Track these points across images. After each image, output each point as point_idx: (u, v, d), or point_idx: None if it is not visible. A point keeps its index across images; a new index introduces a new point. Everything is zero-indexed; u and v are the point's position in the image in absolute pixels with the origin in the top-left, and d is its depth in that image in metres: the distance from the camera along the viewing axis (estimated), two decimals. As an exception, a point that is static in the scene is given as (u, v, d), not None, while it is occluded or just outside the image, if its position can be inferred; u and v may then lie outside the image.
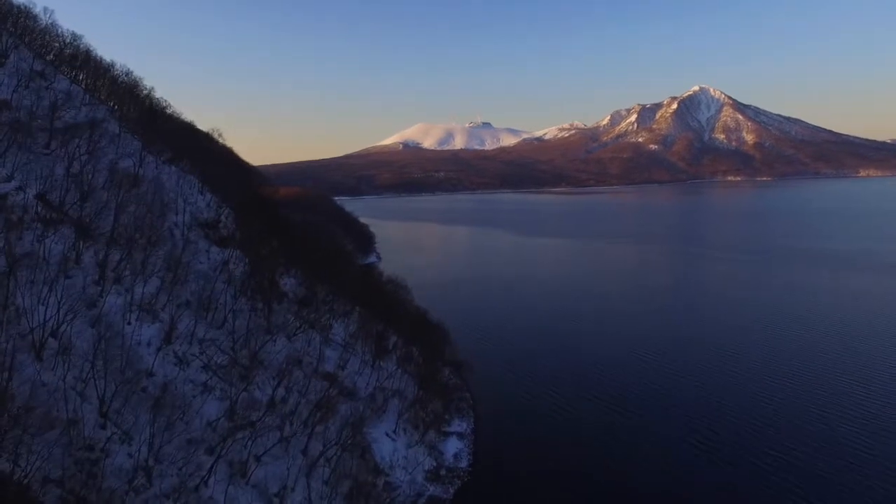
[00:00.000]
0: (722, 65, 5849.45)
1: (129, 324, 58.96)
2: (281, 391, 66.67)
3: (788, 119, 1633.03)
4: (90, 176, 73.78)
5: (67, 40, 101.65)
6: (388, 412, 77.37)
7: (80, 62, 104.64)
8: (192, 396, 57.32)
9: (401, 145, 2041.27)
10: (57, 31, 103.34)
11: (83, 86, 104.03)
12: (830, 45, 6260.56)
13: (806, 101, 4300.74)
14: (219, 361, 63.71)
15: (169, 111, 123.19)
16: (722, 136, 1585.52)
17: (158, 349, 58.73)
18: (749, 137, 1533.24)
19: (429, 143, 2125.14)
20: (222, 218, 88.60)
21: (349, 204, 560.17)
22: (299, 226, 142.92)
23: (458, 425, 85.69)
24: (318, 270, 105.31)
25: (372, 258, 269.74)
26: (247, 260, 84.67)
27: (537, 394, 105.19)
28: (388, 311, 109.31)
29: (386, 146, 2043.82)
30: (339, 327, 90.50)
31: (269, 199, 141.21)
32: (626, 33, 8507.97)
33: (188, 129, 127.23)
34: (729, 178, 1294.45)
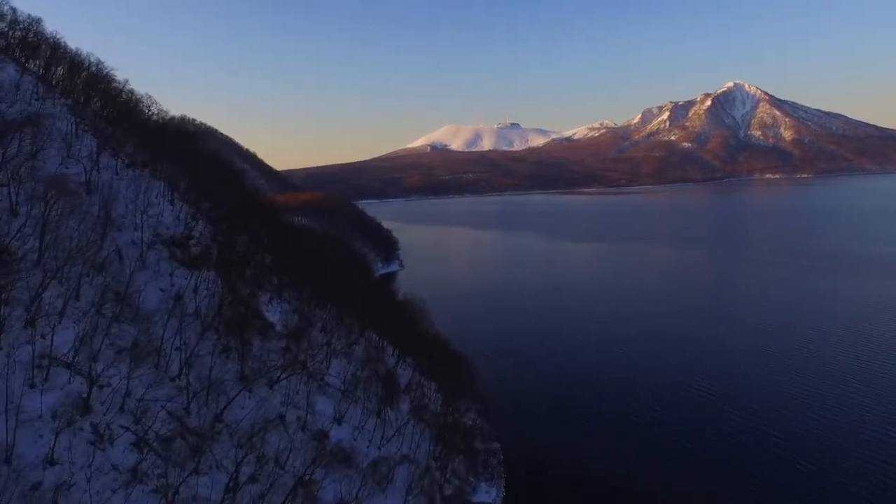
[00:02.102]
0: (757, 60, 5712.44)
1: (31, 387, 43.02)
2: (248, 467, 50.15)
3: (828, 114, 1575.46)
4: (17, 185, 58.26)
5: (25, 25, 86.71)
6: (396, 482, 60.29)
7: (46, 52, 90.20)
8: (110, 492, 40.97)
9: (429, 147, 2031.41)
10: (16, 15, 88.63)
11: (52, 79, 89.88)
12: (871, 37, 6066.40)
13: (847, 96, 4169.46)
14: (160, 432, 47.30)
15: (153, 109, 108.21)
16: (758, 133, 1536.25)
17: (68, 423, 42.52)
18: (787, 134, 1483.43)
19: (457, 144, 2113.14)
20: (195, 232, 72.57)
21: (376, 207, 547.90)
22: (304, 236, 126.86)
23: (486, 493, 68.40)
24: (319, 292, 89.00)
25: (394, 266, 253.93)
26: (221, 284, 68.47)
27: (583, 437, 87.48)
28: (401, 340, 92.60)
29: (414, 148, 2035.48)
30: (338, 366, 73.77)
31: (267, 205, 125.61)
32: (656, 29, 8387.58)
33: (170, 129, 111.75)
34: (767, 175, 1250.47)
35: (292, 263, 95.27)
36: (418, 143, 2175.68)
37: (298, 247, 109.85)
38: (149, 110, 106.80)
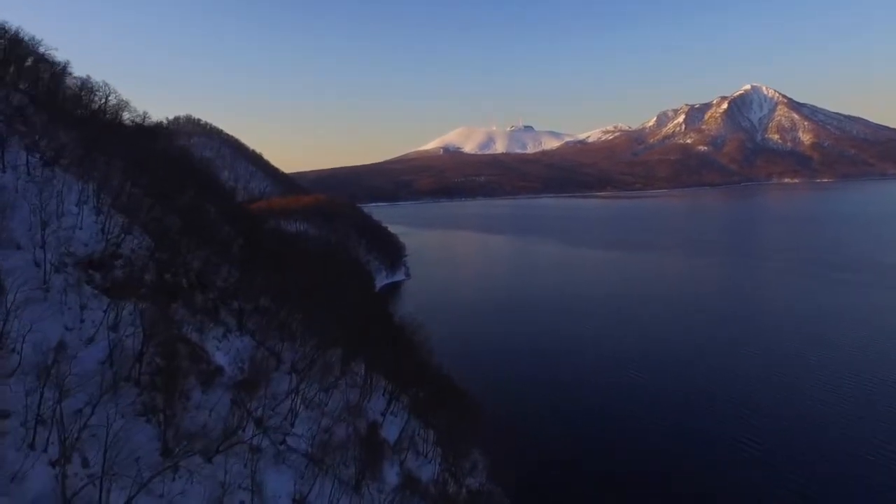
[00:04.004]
0: (774, 62, 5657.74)
1: None
2: None
3: (848, 117, 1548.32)
4: None
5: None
6: None
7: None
8: None
9: (441, 150, 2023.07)
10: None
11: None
12: (891, 39, 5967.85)
13: (867, 99, 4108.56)
14: (4, 563, 31.61)
15: (110, 99, 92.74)
16: (776, 137, 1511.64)
17: None
18: (806, 137, 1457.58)
19: (470, 147, 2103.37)
20: (124, 249, 56.85)
21: (385, 210, 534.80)
22: (291, 246, 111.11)
23: None
24: (295, 318, 73.43)
25: (399, 275, 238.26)
26: (154, 316, 52.68)
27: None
28: (395, 374, 76.68)
29: (427, 151, 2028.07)
30: (307, 421, 57.75)
31: (245, 211, 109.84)
32: (671, 31, 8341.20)
33: (125, 123, 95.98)
34: (785, 179, 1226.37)
35: (267, 282, 79.78)
36: (431, 145, 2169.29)
37: (279, 260, 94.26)
38: (106, 100, 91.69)
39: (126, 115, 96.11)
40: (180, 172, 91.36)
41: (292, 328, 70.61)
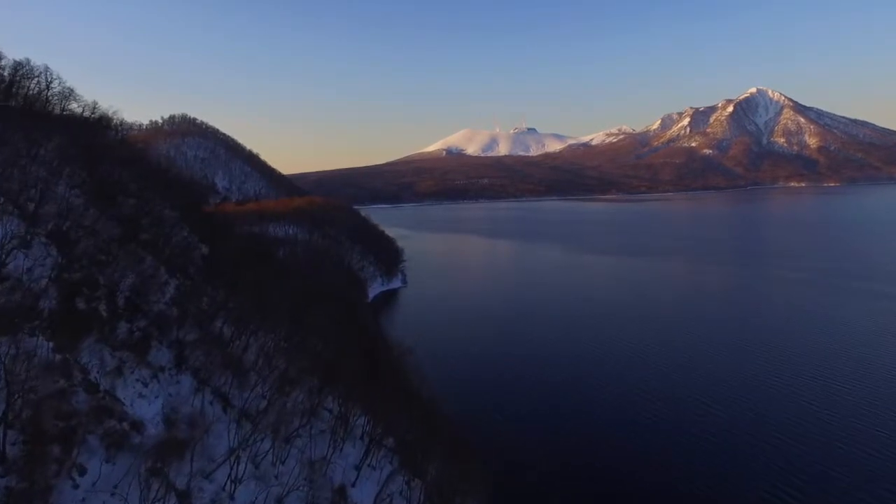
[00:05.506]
0: (780, 66, 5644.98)
1: None
2: None
3: (855, 121, 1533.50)
4: None
5: None
6: None
7: None
8: None
9: (444, 152, 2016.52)
10: None
11: None
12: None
13: (874, 103, 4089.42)
14: None
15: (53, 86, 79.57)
16: (782, 140, 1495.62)
17: None
18: (812, 141, 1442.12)
19: (472, 149, 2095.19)
20: (14, 268, 43.96)
21: (386, 213, 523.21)
22: (269, 256, 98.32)
23: None
24: (253, 348, 60.65)
25: (396, 282, 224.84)
26: (39, 361, 39.89)
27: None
28: (375, 418, 63.69)
29: (429, 153, 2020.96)
30: (251, 494, 44.89)
31: (209, 215, 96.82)
32: (676, 34, 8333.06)
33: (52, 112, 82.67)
34: (792, 183, 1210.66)
35: (224, 301, 67.02)
36: (434, 147, 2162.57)
37: (245, 272, 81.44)
38: (48, 87, 78.68)
39: (74, 106, 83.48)
40: (133, 170, 78.73)
41: (247, 360, 57.79)
